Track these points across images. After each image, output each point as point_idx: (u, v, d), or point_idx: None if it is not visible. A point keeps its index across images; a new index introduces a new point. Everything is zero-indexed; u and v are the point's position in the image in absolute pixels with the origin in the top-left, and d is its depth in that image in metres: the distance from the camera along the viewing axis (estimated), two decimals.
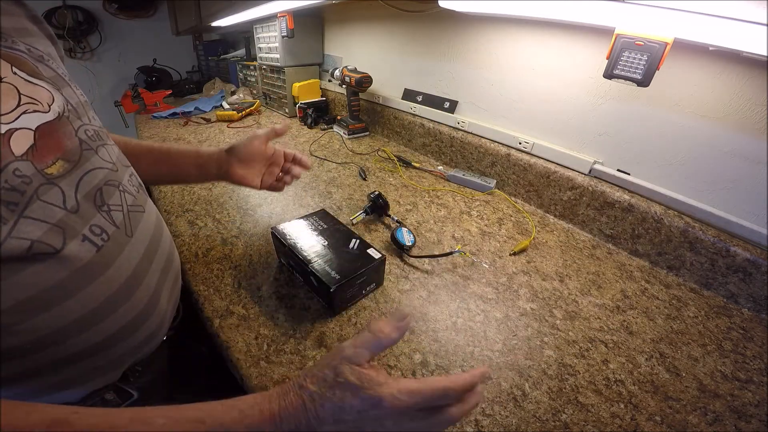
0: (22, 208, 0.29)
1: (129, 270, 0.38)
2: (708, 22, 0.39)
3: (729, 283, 0.57)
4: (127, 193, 0.40)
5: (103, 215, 0.36)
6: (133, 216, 0.40)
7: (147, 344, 0.43)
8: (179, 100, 1.82)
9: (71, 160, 0.34)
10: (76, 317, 0.33)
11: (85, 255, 0.33)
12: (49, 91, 0.34)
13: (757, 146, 0.54)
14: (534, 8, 0.56)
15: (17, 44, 0.34)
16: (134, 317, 0.39)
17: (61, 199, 0.32)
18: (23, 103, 0.31)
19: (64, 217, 0.32)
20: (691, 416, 0.40)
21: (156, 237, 0.44)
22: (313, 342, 0.47)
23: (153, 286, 0.42)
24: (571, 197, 0.74)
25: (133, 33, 2.44)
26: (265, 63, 1.50)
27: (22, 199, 0.29)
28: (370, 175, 0.94)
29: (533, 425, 0.39)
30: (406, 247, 0.62)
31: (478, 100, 0.92)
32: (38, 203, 0.30)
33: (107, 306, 0.35)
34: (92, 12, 2.25)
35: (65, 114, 0.34)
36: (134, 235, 0.39)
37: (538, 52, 0.76)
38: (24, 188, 0.29)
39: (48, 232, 0.30)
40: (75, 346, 0.34)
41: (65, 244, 0.31)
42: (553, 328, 0.51)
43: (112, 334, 0.37)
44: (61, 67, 0.39)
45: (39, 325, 0.31)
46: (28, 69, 0.33)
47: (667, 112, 0.61)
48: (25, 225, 0.29)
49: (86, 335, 0.34)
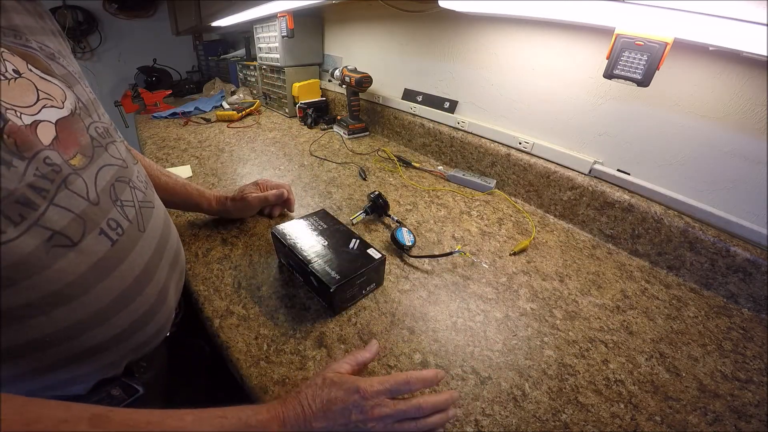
0: (52, 196, 0.29)
1: (141, 265, 0.38)
2: (708, 22, 0.39)
3: (729, 283, 0.57)
4: (137, 190, 0.41)
5: (118, 210, 0.36)
6: (145, 212, 0.41)
7: (155, 339, 0.44)
8: (179, 100, 1.82)
9: (87, 155, 0.34)
10: (92, 311, 0.33)
11: (101, 249, 0.33)
12: (61, 88, 0.34)
13: (757, 146, 0.54)
14: (534, 8, 0.56)
15: (30, 42, 0.34)
16: (145, 311, 0.39)
17: (85, 190, 0.33)
18: (41, 98, 0.31)
19: (87, 209, 0.32)
20: (691, 416, 0.40)
21: (165, 232, 0.45)
22: (313, 342, 0.47)
23: (162, 281, 0.42)
24: (571, 197, 0.74)
25: (133, 33, 2.44)
26: (265, 63, 1.50)
27: (51, 186, 0.29)
28: (370, 175, 0.94)
29: (533, 425, 0.39)
30: (406, 247, 0.62)
31: (478, 100, 0.92)
32: (65, 192, 0.30)
33: (121, 300, 0.36)
34: (92, 12, 2.25)
35: (77, 111, 0.35)
36: (146, 231, 0.40)
37: (538, 52, 0.76)
38: (54, 176, 0.30)
39: (71, 222, 0.31)
40: (91, 340, 0.35)
41: (84, 236, 0.32)
42: (553, 328, 0.51)
43: (125, 328, 0.37)
44: (71, 65, 0.39)
45: (58, 319, 0.31)
46: (41, 66, 0.33)
47: (667, 112, 0.61)
48: (53, 213, 0.29)
49: (101, 329, 0.35)
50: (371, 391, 0.34)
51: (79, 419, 0.26)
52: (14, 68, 0.30)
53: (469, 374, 0.44)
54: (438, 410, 0.37)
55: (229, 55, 2.04)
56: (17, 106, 0.29)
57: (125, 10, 2.33)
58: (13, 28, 0.33)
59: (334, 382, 0.35)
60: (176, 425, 0.29)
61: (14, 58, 0.31)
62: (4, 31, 0.32)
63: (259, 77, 1.59)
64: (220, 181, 0.90)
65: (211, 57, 2.20)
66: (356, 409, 0.33)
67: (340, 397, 0.33)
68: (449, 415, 0.37)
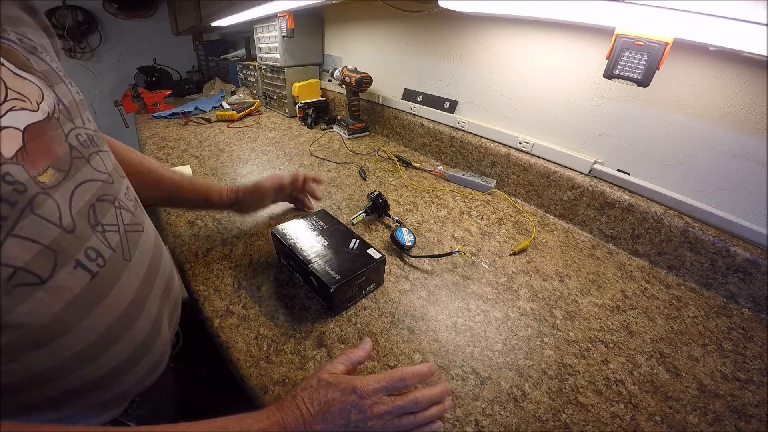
0: (12, 224, 0.24)
1: (128, 298, 0.34)
2: (708, 22, 0.39)
3: (729, 283, 0.57)
4: (123, 210, 0.36)
5: (98, 236, 0.31)
6: (131, 237, 0.36)
7: (151, 375, 0.41)
8: (179, 100, 1.82)
9: (62, 169, 0.29)
10: (74, 352, 0.30)
11: (76, 284, 0.29)
12: (38, 87, 0.30)
13: (757, 146, 0.54)
14: (534, 8, 0.56)
15: (7, 33, 0.30)
16: (137, 347, 0.36)
17: (57, 214, 0.27)
18: (10, 98, 0.27)
19: (59, 238, 0.27)
20: (691, 416, 0.40)
21: (156, 258, 0.41)
22: (313, 342, 0.47)
23: (154, 313, 0.39)
24: (571, 197, 0.74)
25: (133, 33, 2.44)
26: (265, 63, 1.50)
27: (12, 212, 0.24)
28: (370, 175, 0.94)
29: (533, 425, 0.39)
30: (406, 247, 0.62)
31: (478, 100, 0.92)
32: (31, 218, 0.25)
33: (107, 338, 0.32)
34: (92, 12, 2.25)
35: (55, 115, 0.30)
36: (132, 259, 0.36)
37: (539, 52, 0.76)
38: (16, 198, 0.24)
39: (37, 255, 0.26)
40: (75, 381, 0.31)
41: (54, 272, 0.27)
42: (553, 328, 0.51)
43: (114, 367, 0.34)
44: (55, 61, 0.35)
45: (35, 362, 0.28)
46: (17, 61, 0.29)
47: (667, 112, 0.61)
48: (12, 246, 0.24)
49: (87, 370, 0.32)
50: (368, 390, 0.34)
51: None
52: None
53: (469, 374, 0.44)
54: (434, 402, 0.37)
55: (229, 55, 2.04)
56: None
57: (125, 10, 2.33)
58: None
59: (329, 383, 0.35)
60: None
61: None
62: None
63: (259, 77, 1.59)
64: (220, 181, 0.90)
65: (211, 57, 2.20)
66: (355, 408, 0.33)
67: (337, 398, 0.33)
68: (446, 406, 0.37)
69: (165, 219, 0.72)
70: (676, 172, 0.63)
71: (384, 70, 1.18)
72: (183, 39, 2.58)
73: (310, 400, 0.33)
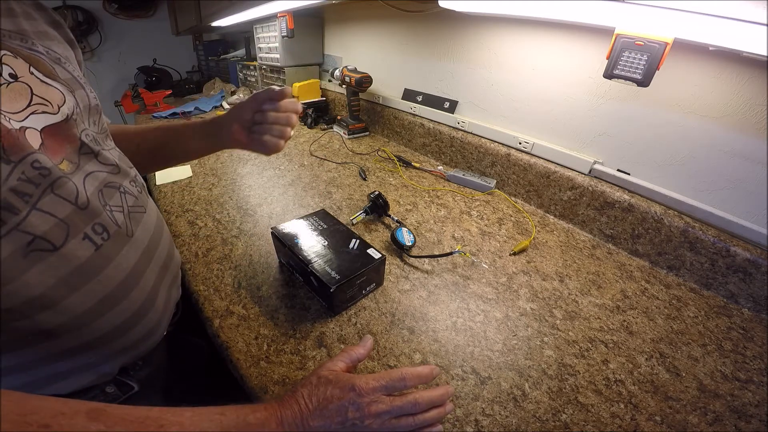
0: (35, 200, 0.30)
1: (126, 270, 0.38)
2: (708, 22, 0.39)
3: (729, 283, 0.57)
4: (128, 194, 0.41)
5: (108, 214, 0.37)
6: (134, 216, 0.41)
7: (145, 341, 0.44)
8: (179, 100, 1.82)
9: (73, 162, 0.35)
10: (73, 314, 0.34)
11: (83, 254, 0.34)
12: (61, 92, 0.35)
13: (757, 146, 0.54)
14: (534, 8, 0.56)
15: (36, 46, 0.35)
16: (131, 315, 0.40)
17: (75, 194, 0.33)
18: (34, 103, 0.32)
19: (72, 214, 0.33)
20: (691, 416, 0.40)
21: (156, 237, 0.45)
22: (313, 342, 0.47)
23: (150, 285, 0.42)
24: (571, 197, 0.74)
25: (133, 33, 2.44)
26: (265, 63, 1.50)
27: (36, 191, 0.30)
28: (370, 175, 0.94)
29: (533, 425, 0.39)
30: (406, 247, 0.62)
31: (478, 100, 0.92)
32: (51, 196, 0.31)
33: (103, 304, 0.36)
34: (92, 12, 2.25)
35: (73, 117, 0.35)
36: (134, 235, 0.40)
37: (538, 52, 0.76)
38: (40, 180, 0.30)
39: (54, 227, 0.31)
40: (70, 342, 0.35)
41: (66, 241, 0.32)
42: (553, 328, 0.51)
43: (108, 332, 0.38)
44: (77, 71, 0.40)
45: (40, 321, 0.32)
46: (44, 70, 0.34)
47: (667, 112, 0.61)
48: (35, 218, 0.30)
49: (82, 332, 0.35)
50: (367, 388, 0.34)
51: (76, 412, 0.26)
52: (11, 72, 0.31)
53: (469, 374, 0.44)
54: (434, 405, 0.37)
55: (229, 55, 2.04)
56: (6, 112, 0.29)
57: (125, 10, 2.33)
58: (20, 33, 0.35)
59: (329, 380, 0.35)
60: (175, 421, 0.29)
61: (16, 61, 0.32)
62: (9, 34, 0.34)
63: (259, 77, 1.59)
64: (220, 181, 0.90)
65: (211, 57, 2.20)
66: (353, 406, 0.33)
67: (336, 395, 0.34)
68: (446, 410, 0.37)
69: (165, 219, 0.72)
70: (676, 172, 0.63)
71: (384, 70, 1.18)
72: (183, 39, 2.58)
73: (309, 396, 0.34)
